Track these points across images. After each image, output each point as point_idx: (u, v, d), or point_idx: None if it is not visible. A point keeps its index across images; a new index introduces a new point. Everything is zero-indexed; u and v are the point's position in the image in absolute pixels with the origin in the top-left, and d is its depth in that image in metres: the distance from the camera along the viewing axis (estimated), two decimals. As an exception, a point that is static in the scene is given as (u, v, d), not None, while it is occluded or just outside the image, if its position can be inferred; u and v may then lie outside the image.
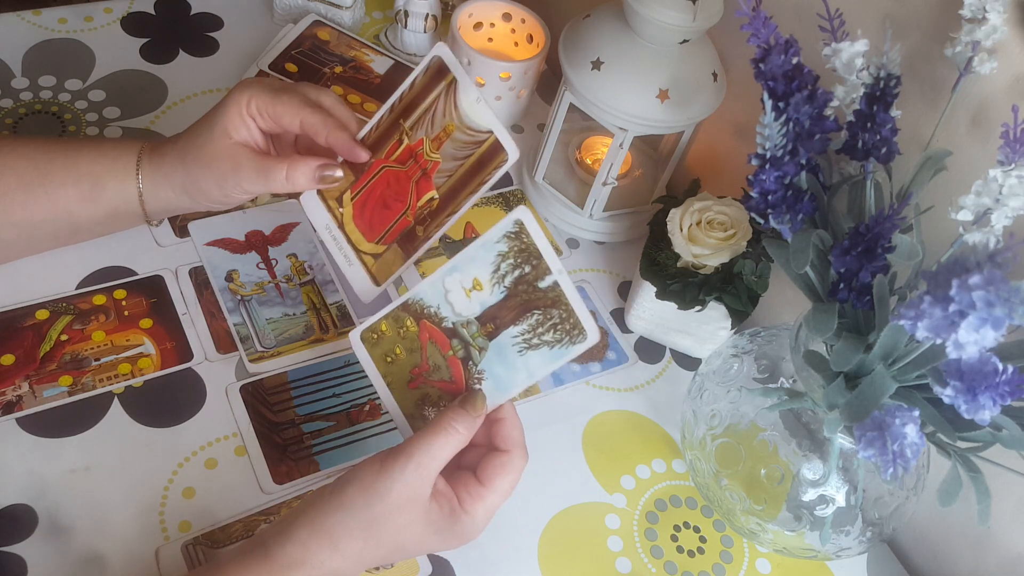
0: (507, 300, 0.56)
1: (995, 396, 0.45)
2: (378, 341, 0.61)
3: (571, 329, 0.55)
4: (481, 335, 0.57)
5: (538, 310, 0.56)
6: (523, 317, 0.56)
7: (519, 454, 0.56)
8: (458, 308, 0.58)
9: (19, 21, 0.87)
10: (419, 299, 0.59)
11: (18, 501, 0.60)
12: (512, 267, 0.56)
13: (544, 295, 0.55)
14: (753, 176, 0.54)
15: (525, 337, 0.56)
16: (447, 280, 0.58)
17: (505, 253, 0.56)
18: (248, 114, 0.64)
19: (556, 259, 0.55)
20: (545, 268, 0.55)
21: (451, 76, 0.65)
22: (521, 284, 0.56)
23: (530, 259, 0.55)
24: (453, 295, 0.58)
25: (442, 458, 0.53)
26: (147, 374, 0.67)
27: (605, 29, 0.74)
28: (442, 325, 0.59)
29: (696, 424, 0.67)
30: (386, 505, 0.52)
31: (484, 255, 0.56)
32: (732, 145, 0.85)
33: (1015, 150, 0.50)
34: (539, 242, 0.55)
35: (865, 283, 0.53)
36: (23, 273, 0.69)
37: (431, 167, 0.67)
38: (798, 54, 0.55)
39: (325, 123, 0.64)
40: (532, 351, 0.56)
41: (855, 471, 0.62)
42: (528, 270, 0.55)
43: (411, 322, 0.60)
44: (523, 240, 0.55)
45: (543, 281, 0.55)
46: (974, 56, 0.54)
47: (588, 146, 0.89)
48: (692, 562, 0.68)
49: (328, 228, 0.70)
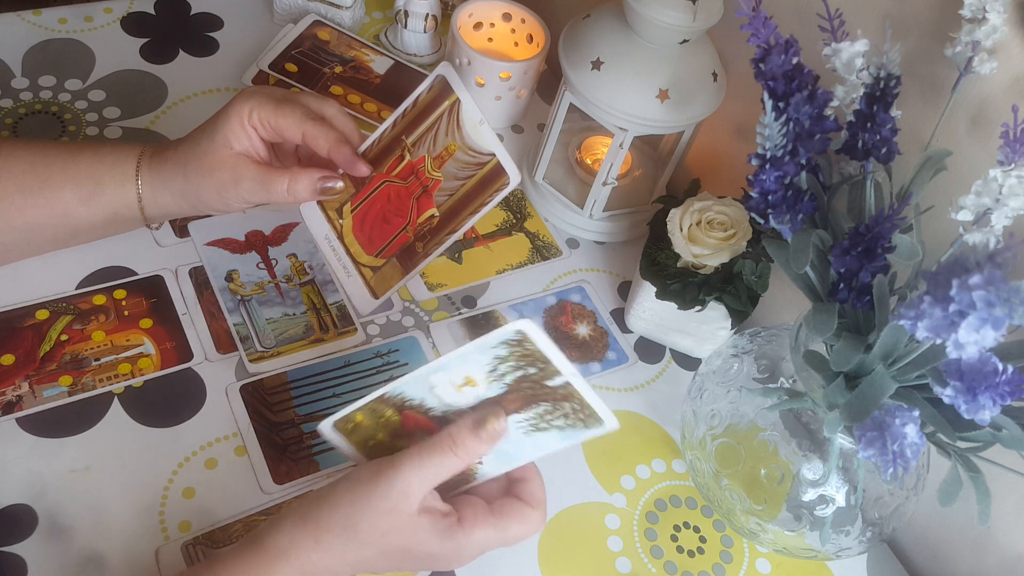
0: (508, 394, 0.51)
1: (995, 396, 0.45)
2: (355, 430, 0.56)
3: (587, 418, 0.50)
4: None
5: (546, 402, 0.50)
6: (529, 407, 0.51)
7: (540, 516, 0.54)
8: (448, 400, 0.52)
9: (19, 21, 0.87)
10: (398, 393, 0.53)
11: (18, 501, 0.60)
12: (513, 368, 0.49)
13: (553, 391, 0.49)
14: (753, 176, 0.54)
15: (532, 422, 0.51)
16: (432, 377, 0.51)
17: (504, 357, 0.49)
18: (250, 124, 0.64)
19: (567, 363, 0.48)
20: (554, 371, 0.48)
21: (454, 97, 0.65)
22: (524, 382, 0.50)
23: (536, 363, 0.49)
24: (440, 390, 0.52)
25: (435, 476, 0.51)
26: (147, 374, 0.67)
27: (605, 29, 0.74)
28: (429, 415, 0.53)
29: (696, 424, 0.67)
30: (368, 509, 0.51)
31: (478, 357, 0.49)
32: (732, 145, 0.85)
33: (1015, 150, 0.50)
34: (547, 350, 0.48)
35: (865, 283, 0.53)
36: (23, 273, 0.69)
37: (432, 185, 0.67)
38: (798, 54, 0.55)
39: (327, 136, 0.64)
40: (540, 432, 0.52)
41: (855, 471, 0.62)
42: (533, 371, 0.49)
43: (392, 412, 0.54)
44: (526, 347, 0.48)
45: (553, 381, 0.49)
46: (974, 56, 0.54)
47: (588, 146, 0.89)
48: (692, 562, 0.68)
49: (328, 239, 0.70)
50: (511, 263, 0.82)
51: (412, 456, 0.51)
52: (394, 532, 0.52)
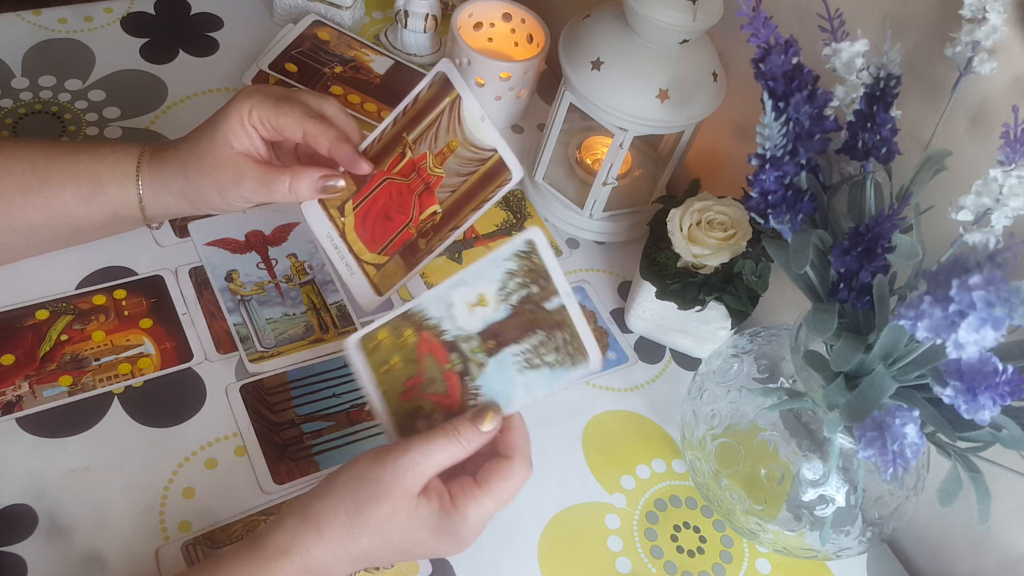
0: (511, 318, 0.56)
1: (995, 396, 0.45)
2: (375, 349, 0.60)
3: (574, 353, 0.54)
4: (481, 351, 0.57)
5: (542, 330, 0.55)
6: (526, 336, 0.55)
7: (521, 462, 0.54)
8: (460, 322, 0.57)
9: (19, 21, 0.87)
10: (421, 310, 0.58)
11: (18, 501, 0.60)
12: (520, 285, 0.55)
13: (549, 316, 0.55)
14: (753, 176, 0.54)
15: (526, 356, 0.56)
16: (452, 293, 0.57)
17: (514, 271, 0.55)
18: (250, 123, 0.64)
19: (565, 282, 0.54)
20: (553, 290, 0.54)
21: (455, 93, 0.65)
22: (527, 303, 0.55)
23: (539, 279, 0.55)
24: (456, 309, 0.57)
25: (439, 461, 0.53)
26: (147, 374, 0.67)
27: (605, 29, 0.74)
28: (442, 338, 0.58)
29: (696, 424, 0.67)
30: (372, 493, 0.52)
31: (492, 271, 0.56)
32: (732, 145, 0.85)
33: (1015, 150, 0.50)
34: (549, 263, 0.54)
35: (865, 283, 0.53)
36: (23, 273, 0.69)
37: (434, 181, 0.67)
38: (798, 54, 0.55)
39: (327, 134, 0.64)
40: (532, 371, 0.56)
41: (855, 471, 0.62)
42: (536, 290, 0.55)
43: (410, 332, 0.59)
44: (533, 260, 0.55)
45: (550, 303, 0.55)
46: (974, 56, 0.54)
47: (588, 146, 0.89)
48: (692, 562, 0.68)
49: (330, 237, 0.70)
50: (511, 263, 0.82)
51: (413, 442, 0.53)
52: (395, 517, 0.52)
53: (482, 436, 0.54)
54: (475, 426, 0.54)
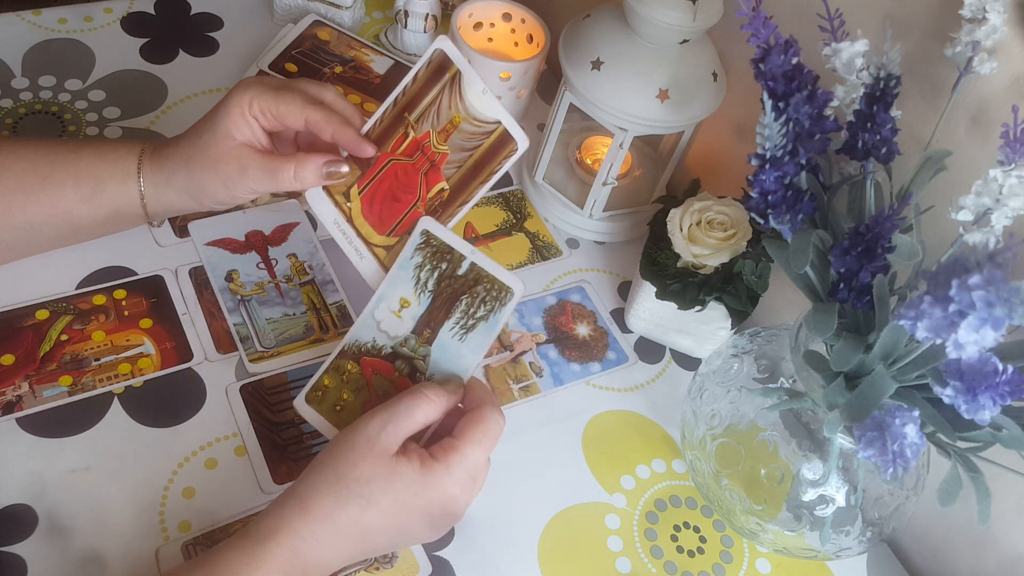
0: (434, 302, 0.60)
1: (995, 396, 0.45)
2: (324, 397, 0.63)
3: (498, 293, 0.57)
4: (420, 344, 0.59)
5: (465, 295, 0.59)
6: (453, 309, 0.58)
7: (490, 408, 0.57)
8: (393, 332, 0.60)
9: (19, 21, 0.87)
10: (354, 341, 0.61)
11: (18, 501, 0.60)
12: (430, 271, 0.59)
13: (465, 279, 0.58)
14: (753, 176, 0.54)
15: (461, 324, 0.58)
16: (376, 312, 0.61)
17: (421, 263, 0.59)
18: (251, 114, 0.64)
19: (465, 244, 0.57)
20: (459, 256, 0.57)
21: (454, 69, 0.65)
22: (443, 281, 0.59)
23: (444, 256, 0.58)
24: (385, 324, 0.61)
25: (411, 420, 0.55)
26: (147, 374, 0.67)
27: (605, 29, 0.74)
28: (382, 354, 0.61)
29: (696, 424, 0.67)
30: (349, 458, 0.53)
31: (403, 274, 0.60)
32: (732, 145, 0.85)
33: (1015, 150, 0.50)
34: (447, 238, 0.58)
35: (865, 283, 0.53)
36: (23, 273, 0.69)
37: (439, 159, 0.67)
38: (798, 54, 0.55)
39: (329, 120, 0.64)
40: (470, 333, 0.58)
41: (855, 471, 0.62)
42: (445, 267, 0.58)
43: (351, 365, 0.62)
44: (432, 244, 0.58)
45: (460, 268, 0.58)
46: (974, 56, 0.54)
47: (588, 146, 0.89)
48: (692, 562, 0.68)
49: (337, 223, 0.70)
50: (511, 263, 0.82)
51: (382, 406, 0.55)
52: (375, 476, 0.53)
53: (448, 394, 0.57)
54: (441, 387, 0.57)
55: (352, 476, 0.53)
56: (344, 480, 0.53)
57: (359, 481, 0.53)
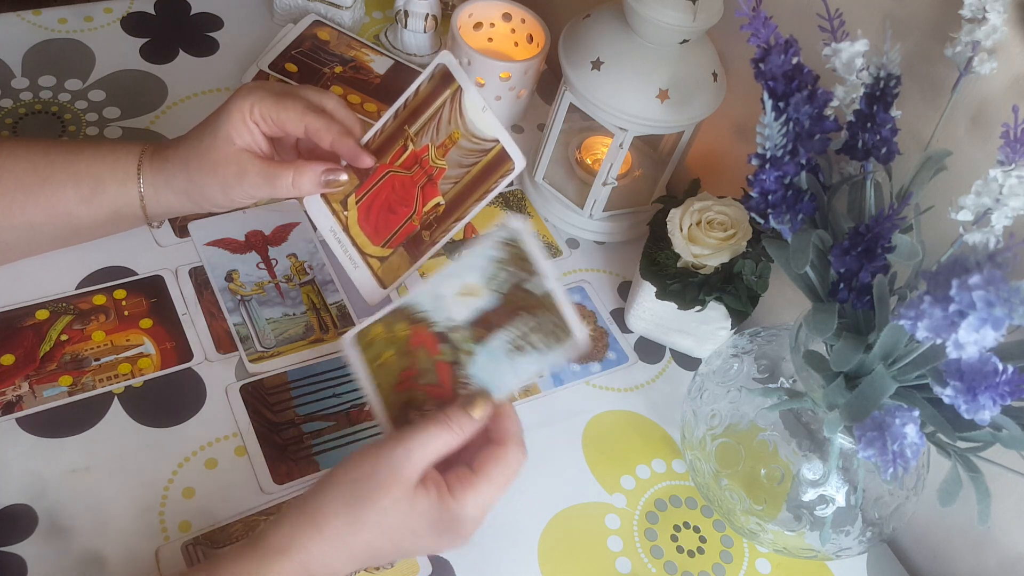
0: (500, 305, 0.57)
1: (995, 396, 0.45)
2: (370, 344, 0.61)
3: (560, 333, 0.55)
4: (470, 340, 0.57)
5: (529, 314, 0.56)
6: (514, 321, 0.56)
7: (515, 448, 0.55)
8: (450, 314, 0.58)
9: (19, 21, 0.87)
10: (413, 304, 0.59)
11: (18, 501, 0.60)
12: (507, 273, 0.56)
13: (536, 300, 0.55)
14: (753, 176, 0.54)
15: (515, 341, 0.56)
16: (442, 286, 0.58)
17: (501, 260, 0.56)
18: (252, 120, 0.64)
19: (549, 265, 0.55)
20: (538, 274, 0.55)
21: (456, 84, 0.65)
22: (515, 290, 0.56)
23: (525, 265, 0.55)
24: (447, 301, 0.58)
25: (434, 449, 0.53)
26: (147, 374, 0.67)
27: (605, 29, 0.74)
28: (433, 330, 0.58)
29: (696, 424, 0.67)
30: (370, 485, 0.52)
31: (480, 262, 0.57)
32: (732, 145, 0.85)
33: (1015, 150, 0.50)
34: (533, 250, 0.55)
35: (865, 283, 0.53)
36: (23, 273, 0.69)
37: (437, 173, 0.67)
38: (798, 54, 0.55)
39: (329, 128, 0.64)
40: (520, 354, 0.56)
41: (855, 471, 0.62)
42: (523, 276, 0.56)
43: (403, 326, 0.60)
44: (519, 247, 0.55)
45: (536, 287, 0.55)
46: (974, 56, 0.54)
47: (588, 146, 0.89)
48: (692, 562, 0.68)
49: (333, 231, 0.70)
50: (511, 263, 0.82)
51: (407, 433, 0.53)
52: (394, 509, 0.52)
53: (473, 423, 0.55)
54: (466, 413, 0.54)
55: (370, 502, 0.52)
56: (362, 504, 0.52)
57: (376, 509, 0.52)
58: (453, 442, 0.54)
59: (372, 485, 0.52)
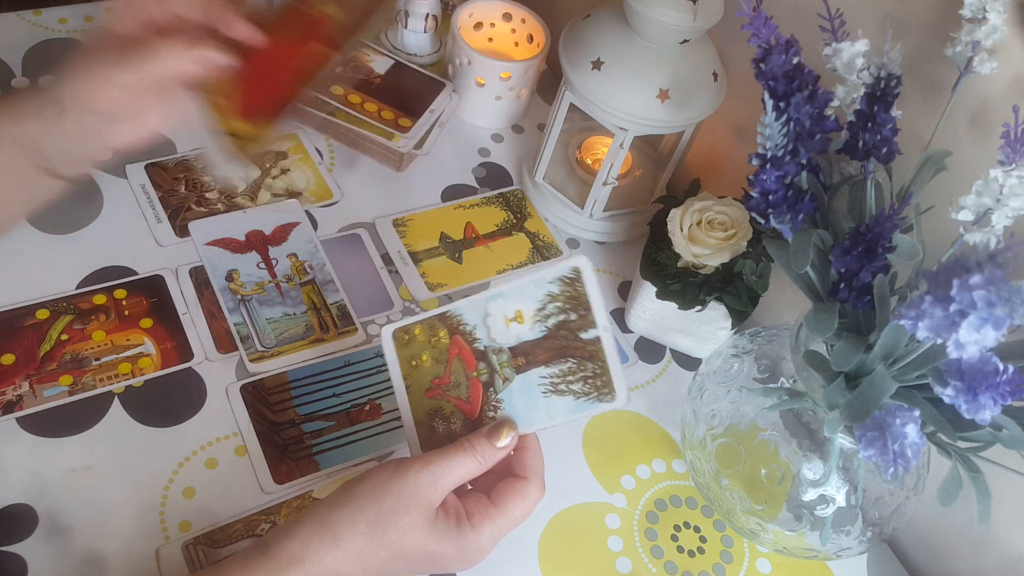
0: (544, 340, 0.55)
1: (995, 396, 0.45)
2: (408, 343, 0.60)
3: (601, 387, 0.54)
4: (510, 366, 0.56)
5: (573, 359, 0.55)
6: (556, 361, 0.55)
7: (536, 484, 0.55)
8: (494, 334, 0.57)
9: (19, 21, 0.87)
10: (458, 314, 0.58)
11: (18, 501, 0.60)
12: (558, 310, 0.55)
13: (583, 346, 0.54)
14: (753, 176, 0.54)
15: (553, 381, 0.55)
16: (490, 304, 0.57)
17: (555, 295, 0.55)
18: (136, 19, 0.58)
19: (605, 314, 0.54)
20: (591, 321, 0.54)
21: None
22: (563, 329, 0.55)
23: (578, 308, 0.54)
24: (492, 320, 0.57)
25: (458, 475, 0.53)
26: (147, 374, 0.67)
27: (605, 29, 0.74)
28: (473, 346, 0.58)
29: (696, 424, 0.67)
30: (394, 504, 0.52)
31: (533, 291, 0.55)
32: (732, 145, 0.85)
33: (1015, 150, 0.50)
34: (592, 294, 0.54)
35: (865, 283, 0.53)
36: (23, 273, 0.69)
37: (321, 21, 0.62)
38: (798, 54, 0.55)
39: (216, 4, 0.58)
40: (556, 396, 0.55)
41: (855, 471, 0.62)
42: (574, 318, 0.54)
43: (444, 333, 0.59)
44: (576, 288, 0.54)
45: (586, 333, 0.54)
46: (974, 56, 0.54)
47: (588, 146, 0.89)
48: (692, 562, 0.68)
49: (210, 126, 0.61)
50: (511, 263, 0.82)
51: (434, 456, 0.53)
52: (415, 530, 0.52)
53: (497, 453, 0.54)
54: (491, 443, 0.54)
55: (391, 522, 0.52)
56: (383, 524, 0.52)
57: (397, 530, 0.52)
58: (476, 470, 0.54)
59: (396, 505, 0.52)
